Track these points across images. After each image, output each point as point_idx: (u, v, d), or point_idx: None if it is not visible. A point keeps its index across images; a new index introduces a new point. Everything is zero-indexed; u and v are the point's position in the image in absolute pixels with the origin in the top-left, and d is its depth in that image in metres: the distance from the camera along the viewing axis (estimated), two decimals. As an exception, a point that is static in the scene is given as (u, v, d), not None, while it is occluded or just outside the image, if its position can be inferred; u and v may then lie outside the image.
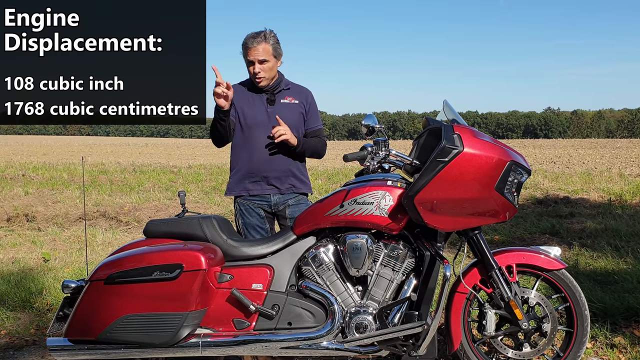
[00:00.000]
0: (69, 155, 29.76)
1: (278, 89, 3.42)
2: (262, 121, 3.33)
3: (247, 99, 3.38)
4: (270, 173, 3.36)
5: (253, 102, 3.39)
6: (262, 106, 3.38)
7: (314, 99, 3.52)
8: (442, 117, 3.02)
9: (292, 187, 3.42)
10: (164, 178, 14.84)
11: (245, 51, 3.33)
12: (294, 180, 3.42)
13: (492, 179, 2.69)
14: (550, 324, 2.89)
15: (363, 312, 2.81)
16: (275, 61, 3.36)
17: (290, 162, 3.41)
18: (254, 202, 3.41)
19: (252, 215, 3.41)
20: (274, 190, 3.39)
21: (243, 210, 3.43)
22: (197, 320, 2.81)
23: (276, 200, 3.40)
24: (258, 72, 3.29)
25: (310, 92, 3.52)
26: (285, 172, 3.39)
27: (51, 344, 2.86)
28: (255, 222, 3.41)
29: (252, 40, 3.29)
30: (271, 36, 3.31)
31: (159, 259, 2.76)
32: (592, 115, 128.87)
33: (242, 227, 3.44)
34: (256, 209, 3.41)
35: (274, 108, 3.38)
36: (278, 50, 3.36)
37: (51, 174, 15.27)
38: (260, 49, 3.28)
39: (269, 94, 3.40)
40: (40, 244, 6.83)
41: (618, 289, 4.34)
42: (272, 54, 3.31)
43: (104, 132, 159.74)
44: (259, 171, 3.36)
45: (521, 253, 2.97)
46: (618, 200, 9.29)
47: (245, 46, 3.31)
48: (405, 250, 2.84)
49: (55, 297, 4.52)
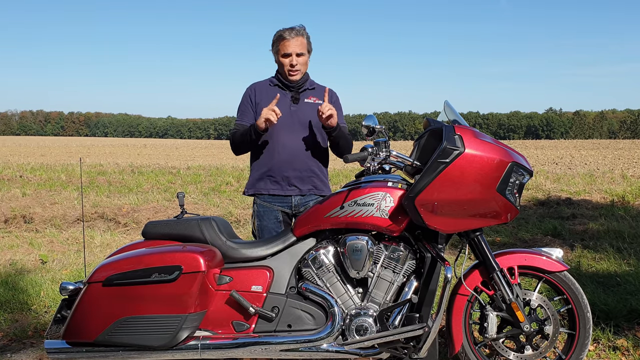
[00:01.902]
0: (66, 156, 29.76)
1: (303, 88, 3.39)
2: (285, 120, 3.27)
3: (269, 97, 3.33)
4: (291, 173, 3.31)
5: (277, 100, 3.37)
6: (286, 105, 3.33)
7: (338, 99, 3.48)
8: (443, 118, 3.00)
9: (314, 188, 3.37)
10: (163, 179, 14.82)
11: (280, 43, 3.29)
12: (315, 181, 3.37)
13: (494, 180, 2.67)
14: (552, 326, 2.88)
15: (363, 314, 2.79)
16: (308, 56, 3.36)
17: (313, 163, 3.36)
18: (274, 205, 3.36)
19: (269, 218, 3.36)
20: (295, 191, 3.34)
21: (261, 212, 3.38)
22: (196, 322, 2.79)
23: (297, 202, 3.35)
24: (295, 64, 3.27)
25: (335, 93, 3.49)
26: (307, 172, 3.34)
27: (49, 346, 2.84)
28: (271, 226, 3.35)
29: (289, 32, 3.27)
30: (305, 31, 3.33)
31: (158, 260, 2.74)
32: (594, 116, 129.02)
33: (258, 229, 3.39)
34: (275, 212, 3.36)
35: (298, 107, 3.34)
36: (310, 46, 3.37)
37: (49, 175, 15.24)
38: (298, 42, 3.27)
39: (293, 92, 3.37)
40: (38, 246, 6.81)
41: (621, 291, 4.32)
42: (307, 48, 3.33)
43: (102, 132, 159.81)
44: (280, 170, 3.31)
45: (523, 255, 2.95)
46: (620, 202, 9.29)
47: (282, 38, 3.28)
48: (406, 252, 2.82)
49: (53, 299, 4.50)
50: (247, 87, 3.46)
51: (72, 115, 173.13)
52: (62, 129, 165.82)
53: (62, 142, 61.66)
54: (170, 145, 60.41)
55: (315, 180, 3.37)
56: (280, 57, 3.32)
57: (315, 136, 3.33)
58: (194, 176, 15.68)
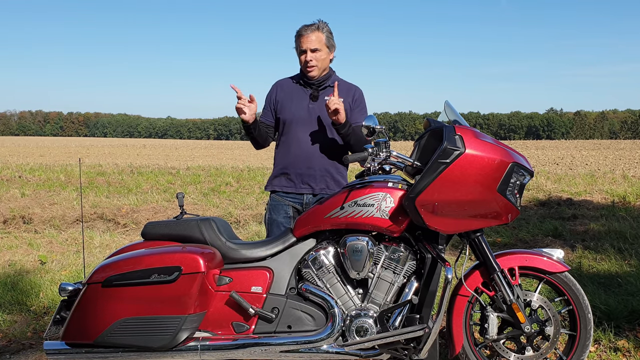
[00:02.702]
0: (66, 156, 29.75)
1: (324, 85, 3.37)
2: (302, 117, 3.28)
3: (290, 94, 3.33)
4: (305, 171, 3.31)
5: (296, 97, 3.36)
6: (305, 102, 3.33)
7: (362, 96, 3.45)
8: (443, 118, 2.99)
9: (327, 187, 3.35)
10: (162, 179, 14.82)
11: (298, 40, 3.31)
12: (329, 181, 3.35)
13: (494, 181, 2.66)
14: (553, 327, 2.86)
15: (364, 315, 2.78)
16: (328, 52, 3.33)
17: (328, 162, 3.34)
18: (287, 200, 3.37)
19: (279, 212, 3.37)
20: (308, 189, 3.34)
21: (273, 206, 3.40)
22: (196, 323, 2.78)
23: (308, 200, 3.35)
24: (310, 60, 3.26)
25: (359, 89, 3.46)
26: (321, 172, 3.33)
27: (48, 347, 2.83)
28: (281, 220, 3.37)
29: (305, 29, 3.28)
30: (324, 26, 3.31)
31: (157, 261, 2.73)
32: (595, 116, 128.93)
33: (268, 222, 3.41)
34: (286, 207, 3.37)
35: (316, 104, 3.33)
36: (331, 41, 3.34)
37: (48, 176, 15.23)
38: (313, 37, 3.27)
39: (313, 89, 3.36)
40: (37, 247, 6.79)
41: (622, 292, 4.31)
42: (324, 43, 3.30)
43: (101, 133, 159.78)
44: (294, 168, 3.32)
45: (524, 255, 2.94)
46: (622, 202, 9.28)
47: (299, 34, 3.30)
48: (407, 253, 2.81)
49: (52, 300, 4.49)
50: (273, 83, 3.48)
51: (71, 116, 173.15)
52: (61, 129, 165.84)
53: (61, 143, 61.65)
54: (170, 145, 60.41)
55: (328, 180, 3.36)
56: (298, 54, 3.33)
57: (334, 135, 3.32)
58: (193, 177, 15.67)
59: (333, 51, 3.37)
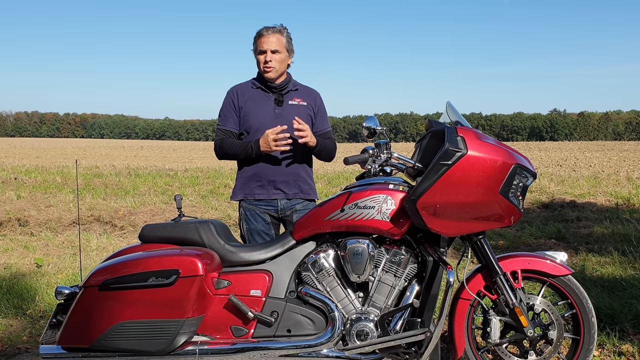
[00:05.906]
0: (62, 158, 29.67)
1: (286, 90, 3.37)
2: (270, 123, 3.25)
3: (253, 100, 3.32)
4: (277, 177, 3.31)
5: (261, 103, 3.34)
6: (270, 107, 3.33)
7: (322, 101, 3.48)
8: (445, 119, 2.96)
9: (300, 192, 3.36)
10: (160, 181, 14.76)
11: (257, 40, 3.30)
12: (301, 185, 3.37)
13: (497, 183, 2.63)
14: (556, 331, 2.84)
15: (364, 319, 2.75)
16: (287, 56, 3.34)
17: (298, 166, 3.36)
18: (260, 207, 3.35)
19: (257, 220, 3.35)
20: (281, 195, 3.33)
21: (248, 215, 3.37)
22: (194, 327, 2.75)
23: (283, 205, 3.35)
24: (269, 60, 3.25)
25: (319, 94, 3.48)
26: (293, 176, 3.34)
27: (44, 351, 2.80)
28: (260, 228, 3.35)
29: (266, 30, 3.28)
30: (285, 30, 3.32)
31: (155, 264, 2.70)
32: (599, 117, 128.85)
33: (247, 233, 3.37)
34: (262, 215, 3.35)
35: (282, 109, 3.33)
36: (291, 46, 3.35)
37: (44, 178, 15.15)
38: (274, 39, 3.27)
39: (277, 94, 3.34)
40: (33, 249, 6.74)
41: (626, 295, 4.28)
42: (285, 46, 3.30)
43: (98, 134, 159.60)
44: (265, 175, 3.31)
45: (526, 258, 2.91)
46: (626, 204, 9.23)
47: (259, 35, 3.29)
48: (408, 256, 2.78)
49: (49, 303, 4.46)
50: (228, 90, 3.42)
51: (67, 117, 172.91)
52: (57, 130, 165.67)
53: (57, 144, 61.58)
54: (168, 146, 60.35)
55: (301, 183, 3.37)
56: (257, 55, 3.32)
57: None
58: (191, 178, 15.61)
59: (292, 56, 3.38)
